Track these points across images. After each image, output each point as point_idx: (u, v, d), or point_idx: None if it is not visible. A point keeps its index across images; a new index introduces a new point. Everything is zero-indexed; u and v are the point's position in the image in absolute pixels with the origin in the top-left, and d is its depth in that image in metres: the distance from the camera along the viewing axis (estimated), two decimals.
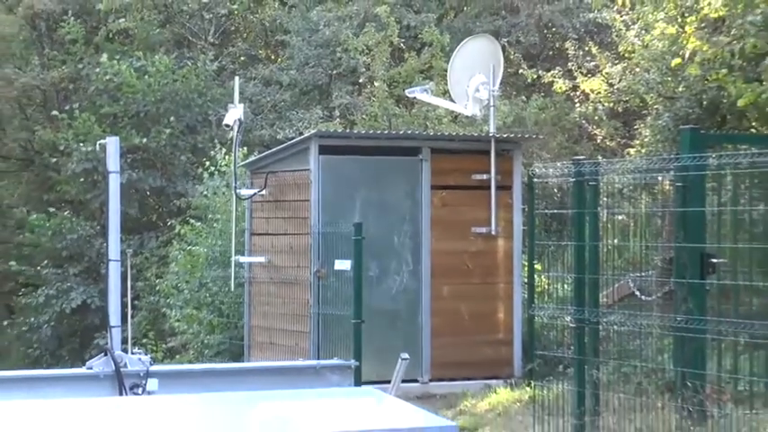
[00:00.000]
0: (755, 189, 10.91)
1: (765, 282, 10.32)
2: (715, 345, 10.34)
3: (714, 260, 10.71)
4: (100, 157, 13.51)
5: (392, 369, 12.07)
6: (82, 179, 28.12)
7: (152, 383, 11.74)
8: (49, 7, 31.39)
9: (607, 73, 19.86)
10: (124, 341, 12.52)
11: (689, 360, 10.27)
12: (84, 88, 29.69)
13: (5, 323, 32.15)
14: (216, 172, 20.73)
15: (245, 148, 18.97)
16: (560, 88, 21.07)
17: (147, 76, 27.74)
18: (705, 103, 16.99)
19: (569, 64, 21.33)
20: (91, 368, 11.90)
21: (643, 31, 18.64)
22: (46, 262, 29.09)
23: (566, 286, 11.93)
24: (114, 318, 12.43)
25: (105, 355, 11.93)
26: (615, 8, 19.37)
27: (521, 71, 22.05)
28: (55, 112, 30.06)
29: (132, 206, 25.98)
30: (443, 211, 15.34)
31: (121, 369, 11.69)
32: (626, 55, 19.44)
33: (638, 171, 12.52)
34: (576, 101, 21.19)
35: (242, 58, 30.03)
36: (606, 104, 20.30)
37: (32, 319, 29.21)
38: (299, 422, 11.11)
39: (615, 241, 11.61)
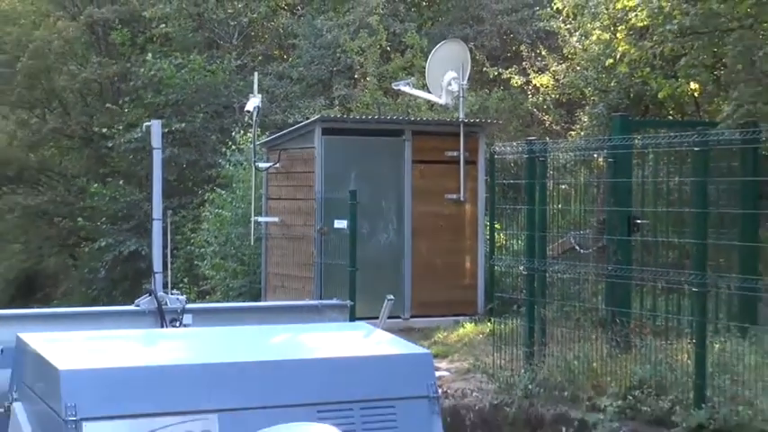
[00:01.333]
0: (671, 165, 10.95)
1: (679, 239, 10.34)
2: (638, 289, 10.38)
3: (638, 221, 10.74)
4: (146, 138, 13.46)
5: (380, 308, 12.08)
6: (131, 156, 28.38)
7: (187, 318, 11.74)
8: (105, 16, 31.66)
9: (554, 71, 19.85)
10: (165, 285, 12.52)
11: (617, 301, 10.31)
12: (132, 82, 29.83)
13: (70, 270, 32.19)
14: (237, 149, 20.83)
15: (260, 130, 18.90)
16: (516, 83, 21.05)
17: (183, 72, 28.00)
18: (632, 95, 17.04)
19: (524, 63, 21.31)
20: (138, 306, 11.91)
21: (583, 37, 18.66)
22: (104, 219, 29.27)
23: (519, 242, 11.96)
24: (157, 265, 12.40)
25: (150, 295, 11.92)
26: (561, 18, 19.38)
27: (484, 69, 21.96)
28: (109, 105, 30.31)
29: (172, 175, 26.09)
30: (422, 182, 15.35)
31: (163, 306, 11.70)
32: (569, 56, 19.45)
33: (578, 149, 12.53)
34: (529, 93, 21.17)
35: (260, 57, 29.97)
36: (553, 96, 20.31)
37: (92, 265, 29.37)
38: (305, 349, 11.12)
39: (559, 206, 11.63)
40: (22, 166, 33.62)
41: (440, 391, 10.44)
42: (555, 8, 19.26)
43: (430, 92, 16.64)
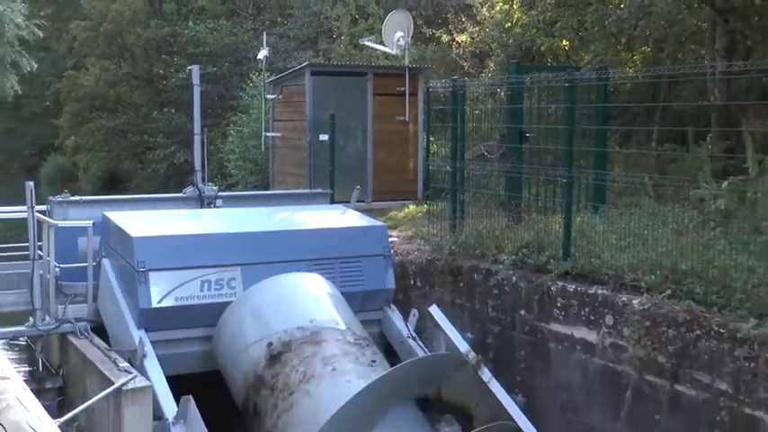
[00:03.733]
0: (549, 97, 10.90)
1: (554, 146, 10.35)
2: (526, 181, 10.39)
3: (527, 135, 10.72)
4: (189, 78, 13.29)
5: (351, 195, 12.11)
6: (179, 91, 28.27)
7: (219, 202, 11.76)
8: None
9: (471, 32, 19.75)
10: (203, 179, 12.48)
11: (513, 189, 10.32)
12: (179, 41, 29.64)
13: (139, 170, 32.14)
14: (252, 86, 20.69)
15: (268, 72, 18.70)
16: (444, 40, 20.90)
17: (215, 33, 27.86)
18: (524, 48, 16.97)
19: (450, 26, 21.16)
20: (185, 193, 11.90)
21: (490, 8, 18.52)
22: (161, 135, 29.26)
23: (446, 149, 11.92)
24: (198, 165, 12.41)
25: (193, 186, 11.92)
26: None
27: (422, 30, 21.76)
28: (164, 57, 30.06)
29: (206, 104, 26.01)
30: (380, 108, 15.25)
31: (202, 194, 11.69)
32: (481, 21, 19.32)
33: (486, 85, 12.45)
34: (454, 47, 21.02)
35: (267, 23, 29.66)
36: (470, 49, 20.17)
37: (154, 166, 29.40)
38: (300, 222, 11.12)
39: (473, 124, 11.57)
40: (105, 99, 33.65)
41: (392, 251, 10.54)
42: None
43: (385, 46, 16.46)
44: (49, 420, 1.73)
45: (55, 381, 9.79)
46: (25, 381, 9.93)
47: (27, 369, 10.30)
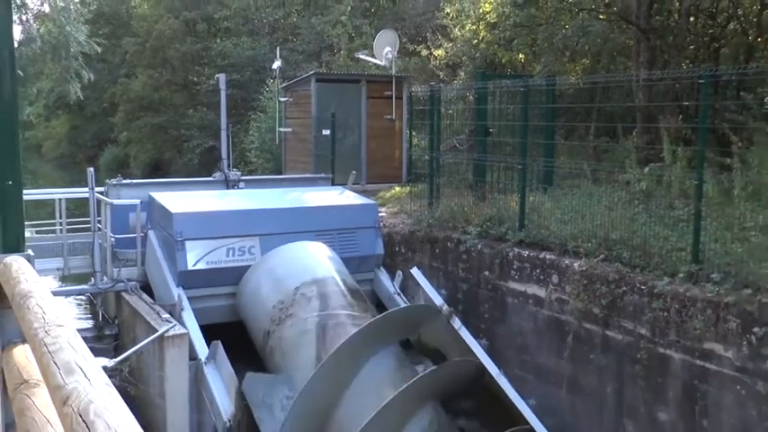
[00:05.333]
0: (509, 99, 10.88)
1: (512, 139, 10.33)
2: (490, 167, 10.39)
3: (491, 130, 10.71)
4: (217, 84, 13.21)
5: (348, 178, 12.09)
6: (210, 94, 28.11)
7: (241, 184, 11.72)
8: (193, 16, 31.45)
9: (445, 47, 19.60)
10: (228, 166, 12.43)
11: (478, 174, 10.32)
12: (209, 54, 29.43)
13: (178, 159, 31.95)
14: (269, 90, 20.58)
15: (281, 79, 18.59)
16: (424, 54, 20.78)
17: (238, 48, 27.70)
18: (488, 60, 16.89)
19: (428, 43, 21.03)
20: (214, 177, 11.86)
21: (461, 28, 18.41)
22: (195, 130, 29.28)
23: (425, 142, 11.90)
24: (224, 154, 12.35)
25: (220, 171, 11.87)
26: (450, 18, 19.12)
27: (406, 46, 21.62)
28: (197, 67, 29.85)
29: (231, 105, 25.84)
30: (372, 108, 15.17)
31: (227, 177, 11.64)
32: (454, 39, 19.19)
33: (458, 90, 12.41)
34: (432, 60, 20.92)
35: (280, 40, 29.42)
36: (444, 61, 20.07)
37: (190, 156, 29.26)
38: (307, 201, 11.08)
39: (447, 122, 11.55)
40: (150, 100, 33.45)
41: (381, 223, 10.54)
42: (446, 12, 19.07)
43: (376, 58, 16.37)
44: (93, 359, 1.76)
45: (111, 329, 9.84)
46: (88, 329, 9.95)
47: (90, 319, 10.35)
